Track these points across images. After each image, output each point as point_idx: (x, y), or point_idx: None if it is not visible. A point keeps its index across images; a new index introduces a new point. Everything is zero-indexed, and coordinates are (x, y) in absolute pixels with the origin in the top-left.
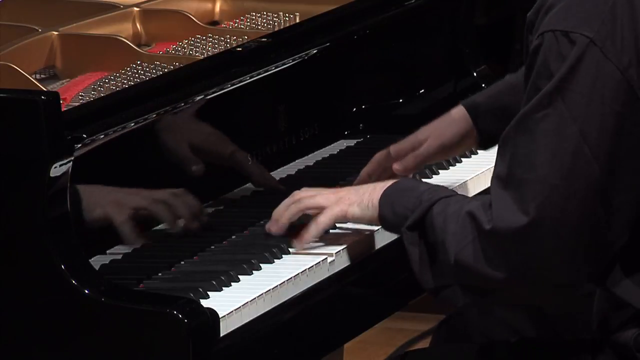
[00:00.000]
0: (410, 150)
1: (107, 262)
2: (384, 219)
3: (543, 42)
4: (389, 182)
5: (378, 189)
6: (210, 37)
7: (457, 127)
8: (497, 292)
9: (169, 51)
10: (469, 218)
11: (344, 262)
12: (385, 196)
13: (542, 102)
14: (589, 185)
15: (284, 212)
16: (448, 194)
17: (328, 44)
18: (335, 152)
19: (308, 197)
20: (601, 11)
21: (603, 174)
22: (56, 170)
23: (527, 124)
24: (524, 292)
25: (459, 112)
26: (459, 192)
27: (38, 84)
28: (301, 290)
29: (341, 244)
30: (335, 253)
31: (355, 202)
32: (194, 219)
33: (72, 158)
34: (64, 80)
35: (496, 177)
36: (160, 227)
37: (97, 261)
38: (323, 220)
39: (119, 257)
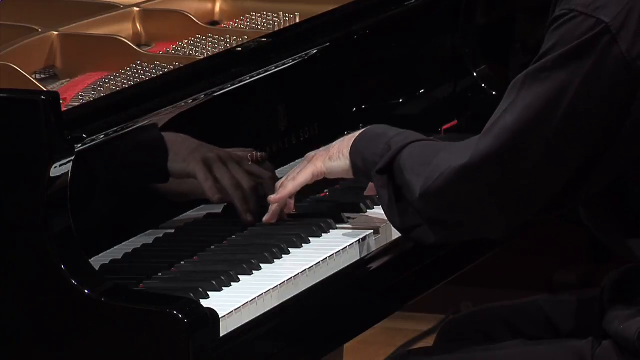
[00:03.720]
0: None
1: (107, 262)
2: (355, 166)
3: (564, 16)
4: (359, 132)
5: (347, 139)
6: (210, 37)
7: None
8: (463, 229)
9: (169, 51)
10: (440, 159)
11: (343, 262)
12: (355, 145)
13: (546, 66)
14: (570, 153)
15: (274, 203)
16: (418, 138)
17: (328, 44)
18: None
19: (288, 179)
20: None
21: (582, 148)
22: (56, 170)
23: (530, 80)
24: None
25: None
26: None
27: (38, 84)
28: (301, 290)
29: (341, 245)
30: (335, 253)
31: (326, 157)
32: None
33: (72, 158)
34: (64, 80)
35: (492, 118)
36: (160, 226)
37: (97, 261)
38: (300, 177)
39: (119, 257)
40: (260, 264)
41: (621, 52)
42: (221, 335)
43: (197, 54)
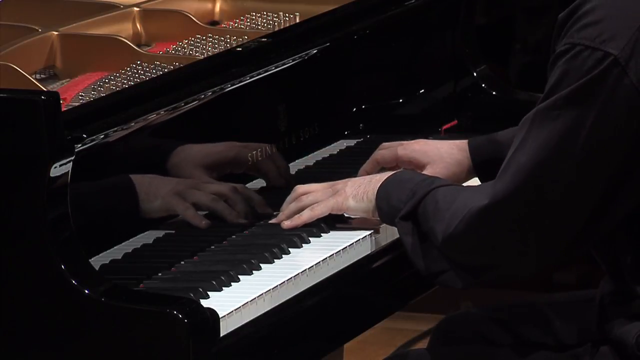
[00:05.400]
0: (408, 166)
1: (107, 262)
2: (381, 210)
3: (569, 51)
4: (386, 175)
5: (374, 182)
6: (210, 37)
7: (460, 169)
8: (490, 272)
9: (169, 51)
10: (459, 202)
11: (343, 262)
12: (381, 189)
13: (556, 104)
14: (590, 187)
15: (285, 210)
16: (442, 183)
17: (328, 44)
18: (335, 152)
19: (307, 194)
20: (630, 29)
21: (602, 180)
22: (56, 170)
23: (541, 119)
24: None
25: (464, 156)
26: None
27: (38, 84)
28: (301, 290)
29: (341, 245)
30: (335, 253)
31: (350, 195)
32: (252, 214)
33: (72, 158)
34: (64, 80)
35: (506, 159)
36: (160, 226)
37: (97, 261)
38: (318, 209)
39: (119, 257)
40: (260, 264)
41: (632, 83)
42: (221, 335)
43: (197, 54)
